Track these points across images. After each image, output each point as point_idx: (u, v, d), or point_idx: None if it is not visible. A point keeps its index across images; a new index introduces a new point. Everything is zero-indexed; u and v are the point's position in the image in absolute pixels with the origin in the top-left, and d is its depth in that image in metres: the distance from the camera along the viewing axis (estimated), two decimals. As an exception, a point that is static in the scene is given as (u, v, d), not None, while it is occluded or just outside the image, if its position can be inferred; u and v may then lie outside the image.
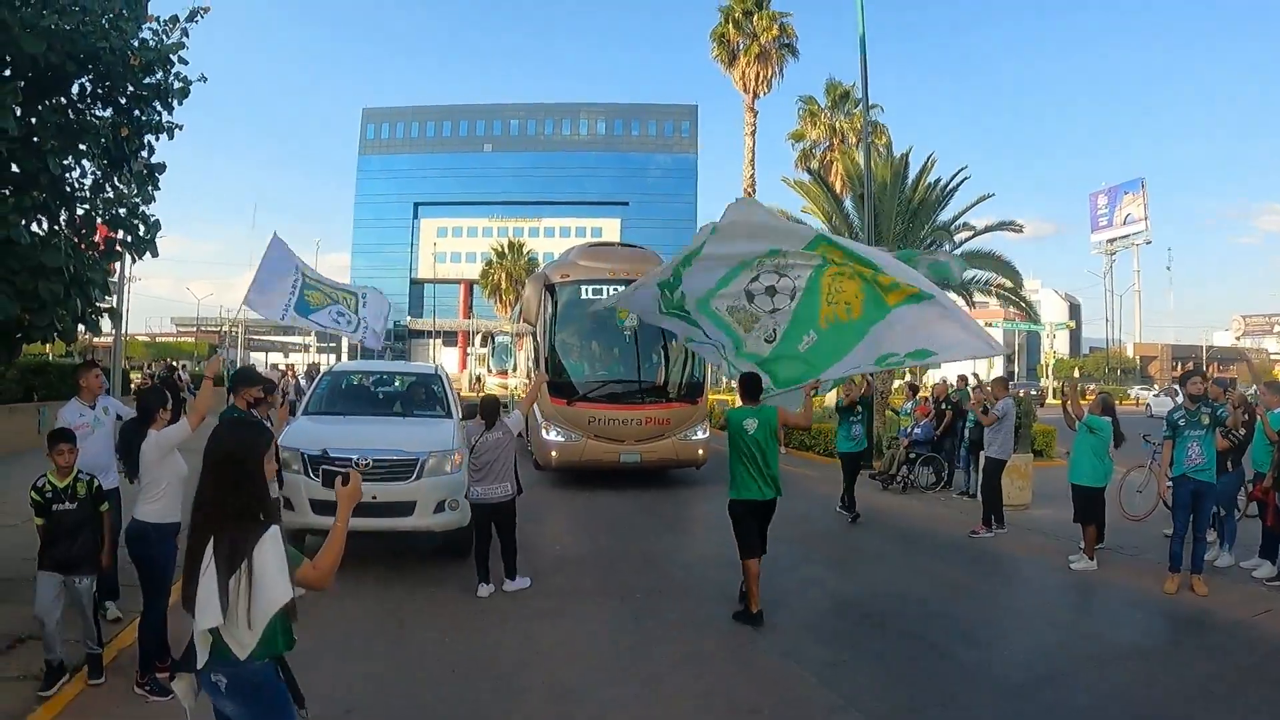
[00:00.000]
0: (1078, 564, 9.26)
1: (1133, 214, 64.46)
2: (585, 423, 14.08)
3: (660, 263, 13.53)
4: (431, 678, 5.87)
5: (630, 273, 13.59)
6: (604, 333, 14.91)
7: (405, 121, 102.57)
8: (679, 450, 14.54)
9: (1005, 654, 6.68)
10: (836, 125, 38.42)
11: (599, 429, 14.07)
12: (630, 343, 14.69)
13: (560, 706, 5.43)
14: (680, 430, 14.52)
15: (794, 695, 5.72)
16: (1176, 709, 5.56)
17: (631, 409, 14.23)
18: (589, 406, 14.13)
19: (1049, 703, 5.66)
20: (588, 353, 15.19)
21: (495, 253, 68.14)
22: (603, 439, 14.06)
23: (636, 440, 14.16)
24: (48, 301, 6.78)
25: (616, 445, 14.08)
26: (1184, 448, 8.37)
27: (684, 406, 14.61)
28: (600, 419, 14.10)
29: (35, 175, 7.23)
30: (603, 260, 15.28)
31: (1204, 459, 8.29)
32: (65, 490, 5.45)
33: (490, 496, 7.89)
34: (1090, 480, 9.34)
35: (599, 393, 14.33)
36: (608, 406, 14.17)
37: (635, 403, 14.33)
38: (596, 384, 14.50)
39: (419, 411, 10.52)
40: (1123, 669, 6.27)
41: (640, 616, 7.36)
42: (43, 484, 5.45)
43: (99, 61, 8.00)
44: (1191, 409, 8.43)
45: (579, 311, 14.53)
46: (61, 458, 5.50)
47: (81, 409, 6.88)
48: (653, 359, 14.95)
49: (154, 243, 8.86)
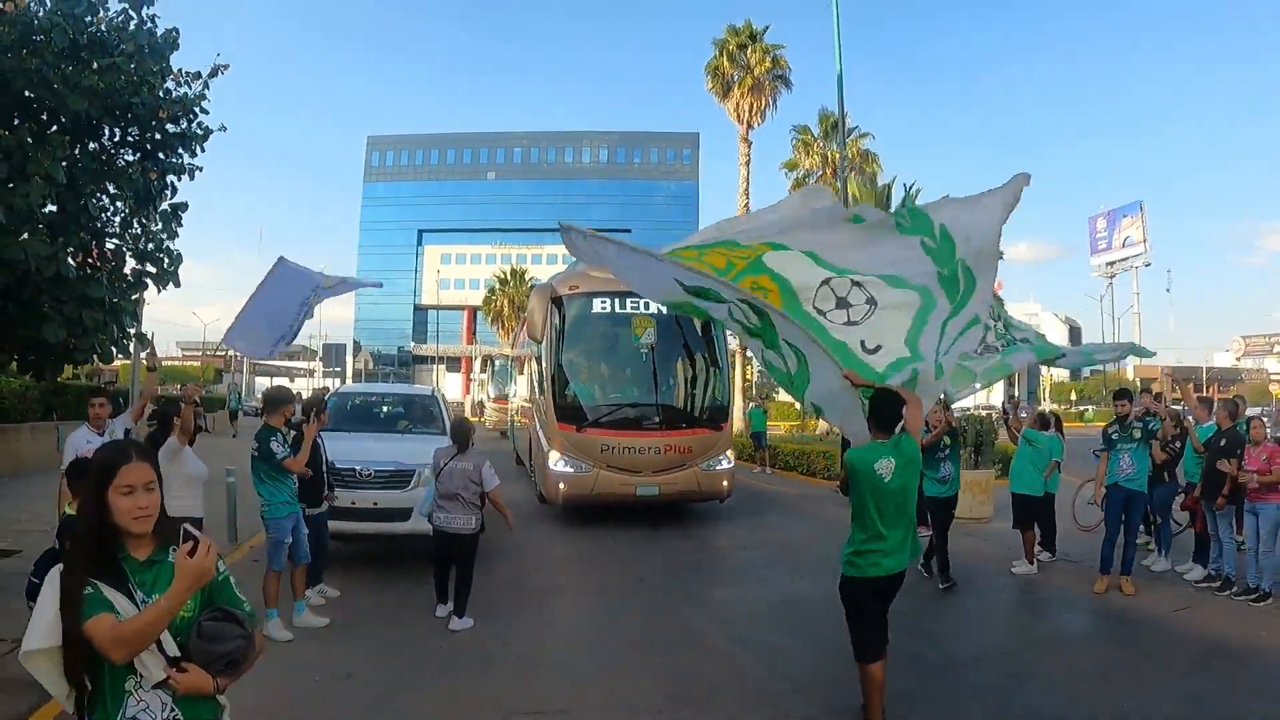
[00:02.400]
0: (1019, 568, 9.99)
1: (1132, 237, 65.26)
2: (597, 452, 12.51)
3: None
4: (423, 651, 6.73)
5: None
6: (617, 350, 13.57)
7: (410, 149, 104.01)
8: (702, 482, 12.96)
9: (939, 641, 7.47)
10: (829, 154, 39.28)
11: (612, 459, 12.49)
12: (647, 361, 13.22)
13: (529, 672, 6.25)
14: (703, 459, 12.97)
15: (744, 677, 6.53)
16: (1077, 686, 6.33)
17: (649, 435, 12.63)
18: (601, 433, 12.55)
19: (972, 681, 6.43)
20: (599, 373, 13.66)
21: (498, 280, 69.44)
22: (617, 470, 12.50)
23: (655, 471, 12.59)
24: (90, 328, 7.72)
25: (632, 477, 12.52)
26: (1116, 459, 9.10)
27: (708, 433, 13.06)
28: (614, 447, 12.51)
29: (76, 215, 8.18)
30: None
31: (1134, 469, 8.97)
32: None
33: (450, 525, 7.48)
34: (1028, 489, 10.07)
35: (612, 418, 12.78)
36: (622, 433, 12.59)
37: (653, 429, 12.73)
38: (609, 408, 12.95)
39: (416, 429, 11.45)
40: (1041, 655, 7.09)
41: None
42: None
43: (131, 112, 8.96)
44: (1124, 423, 9.15)
45: (589, 327, 13.41)
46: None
47: (89, 435, 6.94)
48: (672, 379, 13.58)
49: (176, 274, 9.83)
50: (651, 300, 9.30)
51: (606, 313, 13.23)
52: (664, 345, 13.14)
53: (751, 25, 37.35)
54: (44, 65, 7.67)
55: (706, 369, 13.43)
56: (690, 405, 13.34)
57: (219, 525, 9.85)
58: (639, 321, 13.00)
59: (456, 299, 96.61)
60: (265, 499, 7.09)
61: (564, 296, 13.25)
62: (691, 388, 13.51)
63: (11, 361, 7.89)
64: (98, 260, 8.80)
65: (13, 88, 7.51)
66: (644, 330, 12.79)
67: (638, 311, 12.97)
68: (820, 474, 19.61)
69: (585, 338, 13.46)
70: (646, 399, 13.05)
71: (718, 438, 13.21)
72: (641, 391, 13.19)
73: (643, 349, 13.12)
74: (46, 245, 7.21)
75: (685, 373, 13.60)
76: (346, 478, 8.99)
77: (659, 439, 12.64)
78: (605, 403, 13.05)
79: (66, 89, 7.80)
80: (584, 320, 13.31)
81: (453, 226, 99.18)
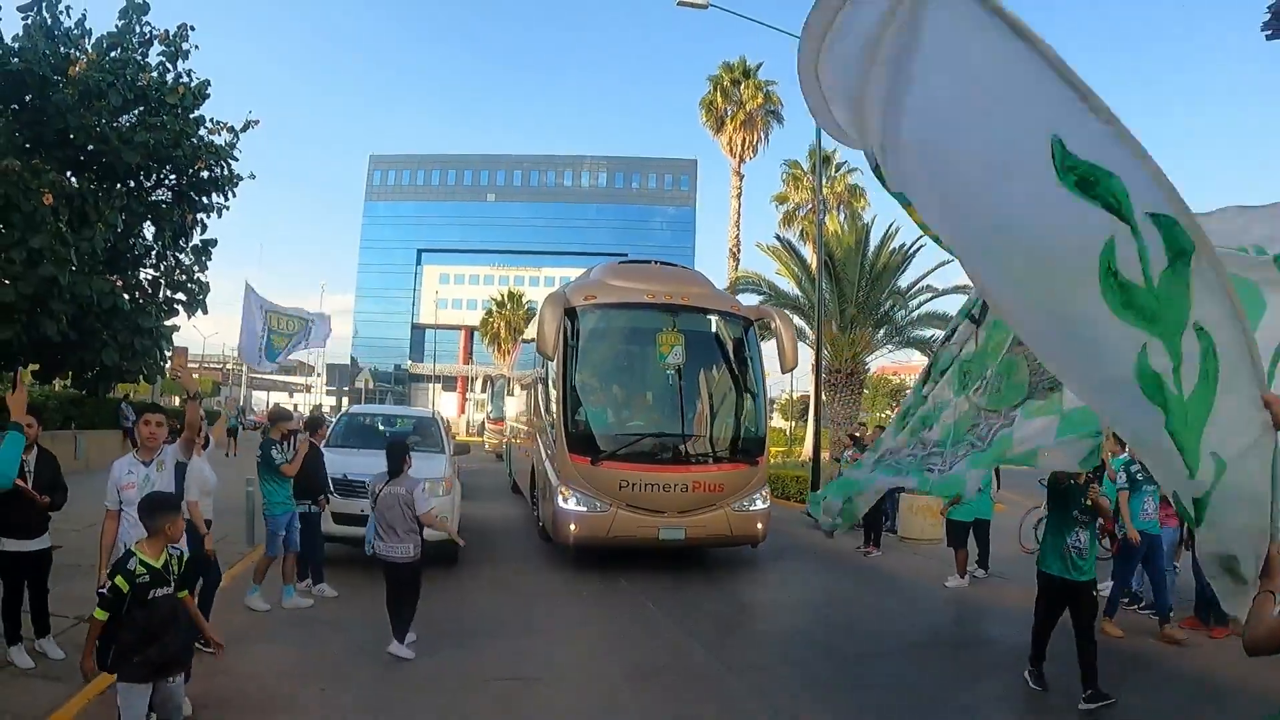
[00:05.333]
0: (951, 582, 11.05)
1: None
2: (615, 488, 10.75)
3: (707, 284, 12.70)
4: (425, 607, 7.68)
5: (674, 295, 11.49)
6: (640, 370, 12.07)
7: (411, 169, 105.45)
8: (734, 524, 11.20)
9: (854, 638, 8.64)
10: (819, 189, 40.68)
11: (633, 497, 10.75)
12: (674, 384, 11.54)
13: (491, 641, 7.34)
14: (736, 499, 11.25)
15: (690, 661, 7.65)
16: (974, 677, 7.53)
17: (676, 471, 10.94)
18: (620, 467, 10.79)
19: (883, 670, 7.57)
20: (619, 397, 12.02)
21: (495, 302, 70.82)
22: (637, 510, 10.76)
23: (681, 511, 10.88)
24: (139, 352, 8.91)
25: (655, 518, 10.79)
26: (1139, 501, 8.62)
27: (742, 468, 11.37)
28: (635, 484, 10.75)
29: (124, 252, 9.37)
30: (638, 280, 11.94)
31: (1157, 514, 8.71)
32: (164, 570, 4.37)
33: (390, 555, 7.21)
34: (959, 516, 11.10)
35: (633, 449, 10.99)
36: (645, 468, 10.83)
37: (680, 463, 11.05)
38: (630, 438, 11.15)
39: (418, 447, 12.48)
40: (947, 651, 8.33)
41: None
42: (134, 566, 4.26)
43: (172, 162, 10.16)
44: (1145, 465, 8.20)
45: (608, 343, 11.85)
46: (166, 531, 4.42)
47: (132, 464, 5.65)
48: (703, 405, 11.76)
49: (205, 302, 11.00)
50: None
51: (628, 328, 11.78)
52: (693, 365, 11.59)
53: (745, 62, 38.66)
54: (102, 123, 8.88)
55: (741, 394, 11.82)
56: (723, 436, 11.60)
57: (238, 527, 10.91)
58: (665, 338, 11.35)
59: (454, 319, 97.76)
60: (266, 498, 8.49)
61: (579, 308, 11.34)
62: (724, 416, 11.81)
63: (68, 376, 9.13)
64: (141, 294, 10.00)
65: (76, 142, 8.71)
66: (671, 348, 11.27)
67: (664, 327, 11.39)
68: (793, 497, 20.69)
69: (603, 356, 11.84)
70: (673, 428, 11.33)
71: (753, 473, 11.50)
72: (667, 419, 11.50)
73: (669, 369, 11.44)
74: (108, 283, 8.40)
75: (717, 398, 11.89)
76: (356, 488, 10.06)
77: (687, 475, 10.96)
78: (625, 432, 11.32)
79: (121, 144, 9.00)
80: (602, 335, 11.65)
81: (452, 247, 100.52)
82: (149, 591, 4.25)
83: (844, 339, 24.41)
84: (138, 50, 10.28)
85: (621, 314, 11.62)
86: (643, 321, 11.58)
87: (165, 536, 4.38)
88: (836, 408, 24.72)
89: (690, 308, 11.60)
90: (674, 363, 11.36)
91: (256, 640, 7.37)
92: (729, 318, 12.00)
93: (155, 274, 10.61)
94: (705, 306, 11.86)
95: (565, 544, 11.04)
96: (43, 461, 6.30)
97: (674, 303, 11.33)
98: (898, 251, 25.04)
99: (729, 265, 36.53)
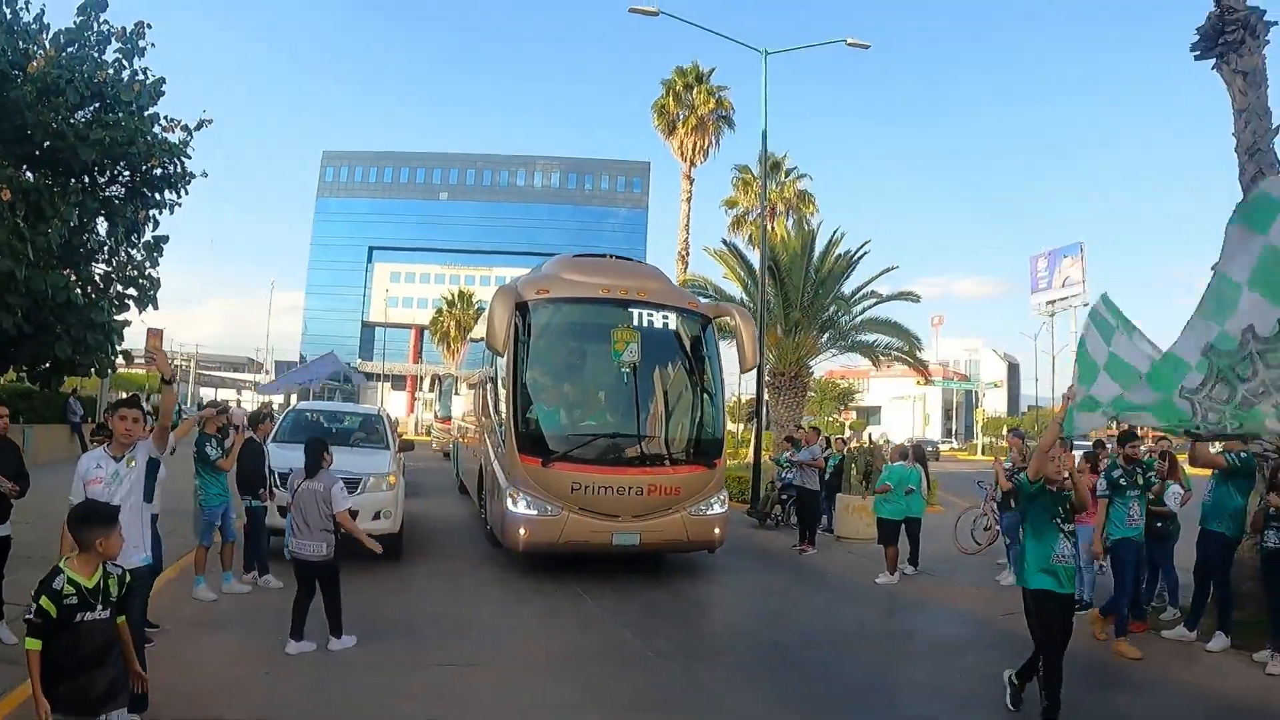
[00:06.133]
0: (881, 579, 11.52)
1: (1071, 277, 67.53)
2: (567, 491, 10.34)
3: (665, 280, 12.41)
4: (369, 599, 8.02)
5: (630, 291, 11.19)
6: (594, 368, 11.63)
7: (364, 166, 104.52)
8: (690, 530, 10.90)
9: (786, 630, 9.09)
10: (768, 193, 41.26)
11: (585, 500, 10.36)
12: (629, 383, 11.08)
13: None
14: (693, 502, 10.94)
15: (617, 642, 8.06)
16: (896, 664, 8.02)
17: (631, 473, 10.58)
18: (572, 469, 10.37)
19: (814, 658, 7.98)
20: (572, 395, 11.63)
21: (446, 301, 70.65)
22: (591, 514, 10.39)
23: (635, 516, 10.52)
24: (91, 346, 9.09)
25: (609, 522, 10.44)
26: (1124, 508, 8.32)
27: (699, 470, 11.05)
28: (588, 486, 10.35)
29: (77, 248, 9.53)
30: (593, 274, 11.54)
31: (1142, 519, 8.41)
32: (97, 590, 3.86)
33: (303, 553, 7.21)
34: (888, 515, 11.65)
35: (586, 450, 10.57)
36: (598, 470, 10.43)
37: (636, 465, 10.70)
38: (584, 438, 10.76)
39: (363, 443, 12.80)
40: (873, 643, 8.78)
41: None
42: (61, 585, 3.75)
43: (126, 159, 10.33)
44: (1128, 468, 8.40)
45: (561, 340, 11.47)
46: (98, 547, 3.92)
47: (102, 459, 5.14)
48: (658, 405, 11.39)
49: (155, 298, 11.18)
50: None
51: (582, 323, 11.43)
52: (650, 364, 11.22)
53: (698, 67, 39.04)
54: (60, 120, 9.05)
55: (699, 394, 11.54)
56: (680, 437, 11.33)
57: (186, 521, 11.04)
58: (621, 335, 10.95)
59: (404, 317, 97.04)
60: (201, 490, 8.91)
61: (530, 302, 10.97)
62: (682, 416, 11.52)
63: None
64: (94, 289, 10.15)
65: (34, 139, 8.87)
66: (626, 345, 10.86)
67: (620, 323, 11.01)
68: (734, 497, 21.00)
69: (556, 352, 11.48)
70: (628, 428, 10.94)
71: (710, 476, 11.20)
72: (622, 419, 11.08)
73: (625, 367, 11.00)
74: (63, 277, 8.59)
75: (674, 398, 11.60)
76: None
77: (643, 477, 10.61)
78: (578, 432, 10.97)
79: (78, 141, 9.18)
80: (555, 331, 11.28)
81: (403, 245, 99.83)
82: (75, 615, 3.74)
83: (788, 343, 24.92)
84: (95, 47, 10.45)
85: (575, 309, 11.24)
86: (598, 317, 11.19)
87: (98, 553, 3.87)
88: (780, 410, 25.23)
89: (647, 303, 11.19)
90: (629, 360, 10.92)
91: (204, 630, 7.63)
92: (687, 314, 11.62)
93: (107, 269, 10.71)
94: (663, 302, 11.39)
95: (514, 549, 10.70)
96: (6, 450, 6.52)
97: (630, 298, 11.03)
98: (842, 258, 25.63)
99: (677, 268, 36.94)
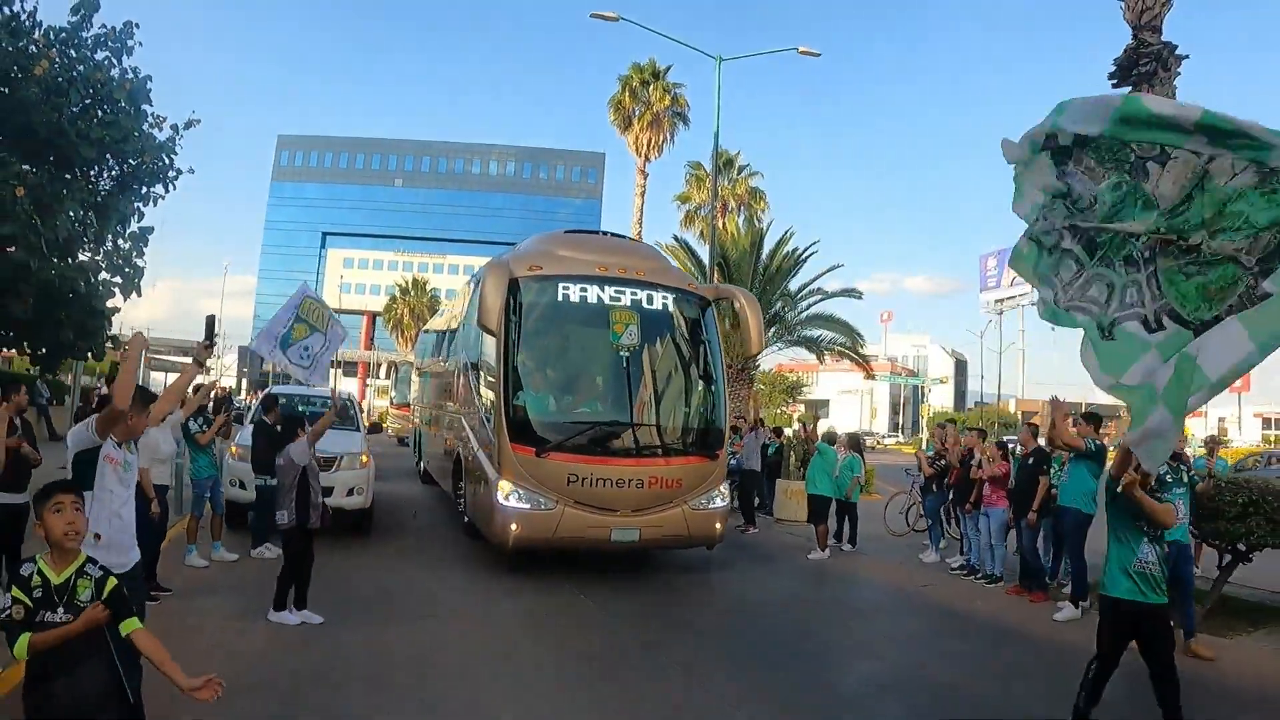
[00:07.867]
0: (813, 555, 12.26)
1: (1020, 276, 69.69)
2: (562, 483, 9.62)
3: (662, 259, 12.03)
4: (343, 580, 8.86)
5: (628, 270, 10.57)
6: (590, 352, 10.81)
7: (319, 151, 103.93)
8: (691, 524, 10.21)
9: (722, 597, 10.11)
10: (720, 190, 42.15)
11: (582, 493, 9.65)
12: (627, 367, 10.32)
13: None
14: (694, 495, 10.26)
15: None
16: (825, 627, 8.94)
17: (631, 464, 9.90)
18: (568, 459, 9.66)
19: (724, 623, 8.85)
20: (568, 380, 10.90)
21: (399, 289, 70.76)
22: (587, 507, 9.66)
23: (635, 510, 9.83)
24: (92, 332, 9.76)
25: (606, 517, 9.71)
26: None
27: (701, 462, 10.37)
28: (585, 478, 9.64)
29: (75, 238, 10.17)
30: (589, 251, 10.86)
31: (1188, 518, 8.06)
32: (63, 589, 3.32)
33: (282, 521, 7.52)
34: (819, 491, 12.65)
35: (582, 439, 9.83)
36: (596, 460, 9.72)
37: (636, 455, 10.02)
38: (581, 426, 10.03)
39: (336, 426, 13.46)
40: (803, 611, 9.65)
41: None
42: (30, 574, 3.30)
43: (120, 154, 10.97)
44: (1173, 465, 7.84)
45: (555, 322, 10.61)
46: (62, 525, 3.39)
47: (113, 446, 4.57)
48: (658, 391, 10.75)
49: (139, 285, 11.81)
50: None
51: (578, 303, 10.35)
52: (649, 348, 10.55)
53: (655, 64, 39.47)
54: (63, 119, 9.69)
55: (701, 380, 10.97)
56: (682, 426, 10.72)
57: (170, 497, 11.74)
58: (619, 316, 10.29)
59: (357, 304, 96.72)
60: (191, 463, 9.79)
61: (523, 279, 10.22)
62: (684, 403, 10.95)
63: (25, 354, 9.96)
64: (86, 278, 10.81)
65: (39, 136, 9.49)
66: (625, 328, 10.22)
67: (618, 304, 10.35)
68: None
69: (550, 334, 10.69)
70: (628, 417, 10.19)
71: (712, 468, 10.54)
72: (621, 407, 10.32)
73: (623, 351, 10.25)
74: (72, 268, 9.26)
75: (676, 384, 10.99)
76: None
77: (643, 469, 9.93)
78: (575, 420, 10.25)
79: (79, 139, 9.82)
80: (549, 311, 10.45)
81: (357, 231, 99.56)
82: (37, 613, 3.24)
83: (735, 336, 25.81)
84: (91, 48, 11.03)
85: (571, 287, 10.37)
86: (595, 297, 10.33)
87: (63, 548, 3.36)
88: (729, 402, 26.12)
89: (647, 283, 10.56)
90: (629, 343, 10.21)
91: (198, 594, 8.26)
92: (688, 296, 10.99)
93: (96, 258, 11.35)
94: (663, 283, 10.78)
95: (503, 545, 9.80)
96: (24, 428, 7.24)
97: (629, 277, 10.42)
98: (790, 255, 26.62)
99: (631, 262, 37.47)
